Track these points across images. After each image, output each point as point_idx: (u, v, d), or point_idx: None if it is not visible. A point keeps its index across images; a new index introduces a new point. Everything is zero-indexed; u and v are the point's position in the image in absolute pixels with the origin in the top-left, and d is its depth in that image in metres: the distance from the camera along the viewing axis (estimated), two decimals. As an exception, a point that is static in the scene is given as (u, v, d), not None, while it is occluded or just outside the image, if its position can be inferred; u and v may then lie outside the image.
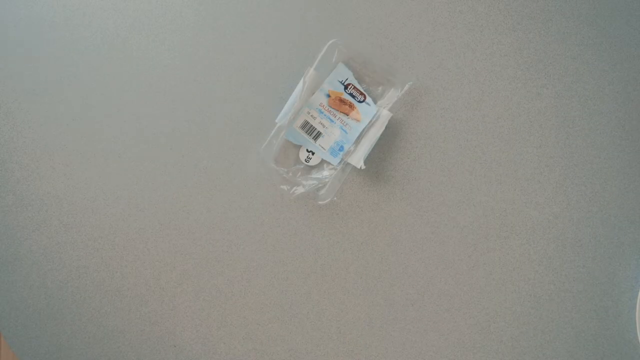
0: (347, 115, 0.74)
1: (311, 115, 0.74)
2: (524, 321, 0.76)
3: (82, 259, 0.77)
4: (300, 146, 0.75)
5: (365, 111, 0.75)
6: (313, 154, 0.75)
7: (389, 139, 0.77)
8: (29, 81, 0.78)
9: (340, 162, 0.74)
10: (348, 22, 0.77)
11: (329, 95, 0.75)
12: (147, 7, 0.78)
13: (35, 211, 0.77)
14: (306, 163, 0.75)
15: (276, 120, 0.74)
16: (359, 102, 0.75)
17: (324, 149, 0.74)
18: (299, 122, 0.74)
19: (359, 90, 0.75)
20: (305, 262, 0.77)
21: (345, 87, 0.75)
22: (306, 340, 0.76)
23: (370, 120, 0.74)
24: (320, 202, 0.74)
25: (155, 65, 0.78)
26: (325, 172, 0.75)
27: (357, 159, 0.74)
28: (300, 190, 0.74)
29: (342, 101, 0.74)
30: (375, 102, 0.75)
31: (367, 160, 0.76)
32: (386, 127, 0.77)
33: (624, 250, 0.76)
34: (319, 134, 0.74)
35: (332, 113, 0.74)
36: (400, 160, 0.77)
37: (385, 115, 0.74)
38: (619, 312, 0.76)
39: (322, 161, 0.75)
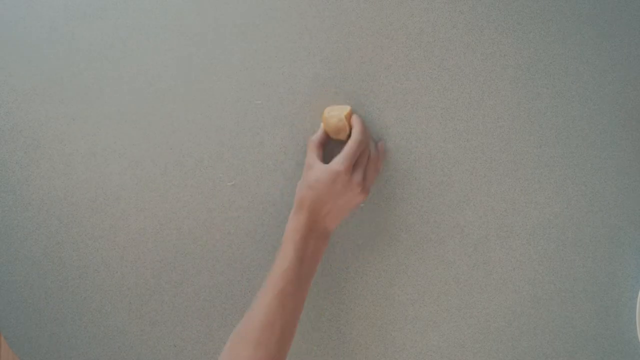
0: None
1: None
2: (524, 321, 0.76)
3: (82, 259, 0.77)
4: None
5: None
6: None
7: (389, 139, 0.77)
8: (29, 81, 0.78)
9: None
10: (348, 22, 0.77)
11: None
12: (147, 7, 0.78)
13: (35, 211, 0.77)
14: None
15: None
16: None
17: None
18: None
19: None
20: (305, 262, 0.77)
21: None
22: (306, 340, 0.76)
23: None
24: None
25: (155, 65, 0.78)
26: None
27: None
28: None
29: None
30: None
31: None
32: (387, 127, 0.77)
33: (624, 250, 0.76)
34: None
35: None
36: (400, 161, 0.77)
37: None
38: (619, 312, 0.76)
39: None
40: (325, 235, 0.68)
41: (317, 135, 0.73)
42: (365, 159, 0.71)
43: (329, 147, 0.77)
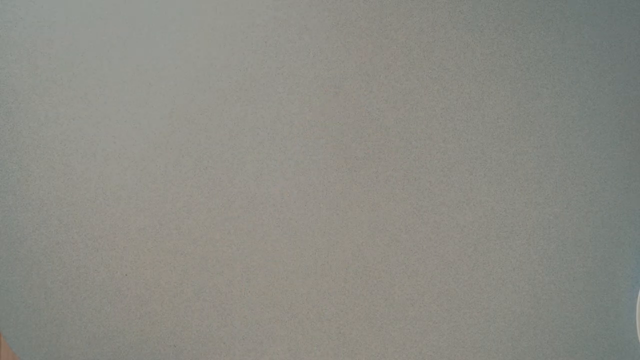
0: None
1: None
2: (524, 321, 0.76)
3: (82, 259, 0.77)
4: None
5: None
6: None
7: (389, 139, 0.77)
8: (29, 81, 0.78)
9: None
10: (348, 22, 0.77)
11: None
12: (147, 7, 0.78)
13: (35, 211, 0.77)
14: None
15: None
16: None
17: None
18: None
19: None
20: (305, 262, 0.77)
21: None
22: (306, 340, 0.76)
23: None
24: None
25: (155, 65, 0.78)
26: None
27: None
28: None
29: None
30: None
31: (368, 160, 0.76)
32: (387, 127, 0.77)
33: (624, 250, 0.76)
34: None
35: None
36: (400, 161, 0.77)
37: None
38: (619, 312, 0.76)
39: None
40: None
41: None
42: None
43: None
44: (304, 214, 0.77)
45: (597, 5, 0.77)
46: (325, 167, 0.77)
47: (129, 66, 0.78)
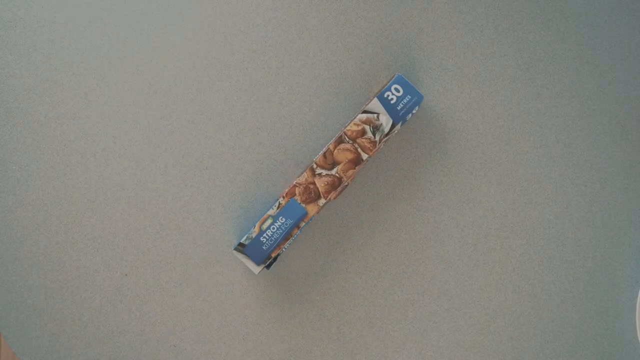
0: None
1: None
2: (524, 321, 0.76)
3: (82, 259, 0.77)
4: None
5: None
6: None
7: (389, 139, 0.77)
8: (29, 81, 0.78)
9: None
10: (348, 22, 0.77)
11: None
12: (147, 7, 0.78)
13: (35, 211, 0.77)
14: None
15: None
16: None
17: None
18: None
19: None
20: (305, 262, 0.77)
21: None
22: (306, 340, 0.76)
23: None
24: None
25: (155, 65, 0.78)
26: None
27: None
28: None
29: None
30: None
31: (367, 160, 0.76)
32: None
33: (624, 250, 0.76)
34: None
35: None
36: (400, 160, 0.77)
37: None
38: (619, 312, 0.76)
39: None
40: None
41: None
42: None
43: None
44: (304, 214, 0.77)
45: (597, 5, 0.77)
46: (325, 167, 0.77)
47: (129, 66, 0.78)
